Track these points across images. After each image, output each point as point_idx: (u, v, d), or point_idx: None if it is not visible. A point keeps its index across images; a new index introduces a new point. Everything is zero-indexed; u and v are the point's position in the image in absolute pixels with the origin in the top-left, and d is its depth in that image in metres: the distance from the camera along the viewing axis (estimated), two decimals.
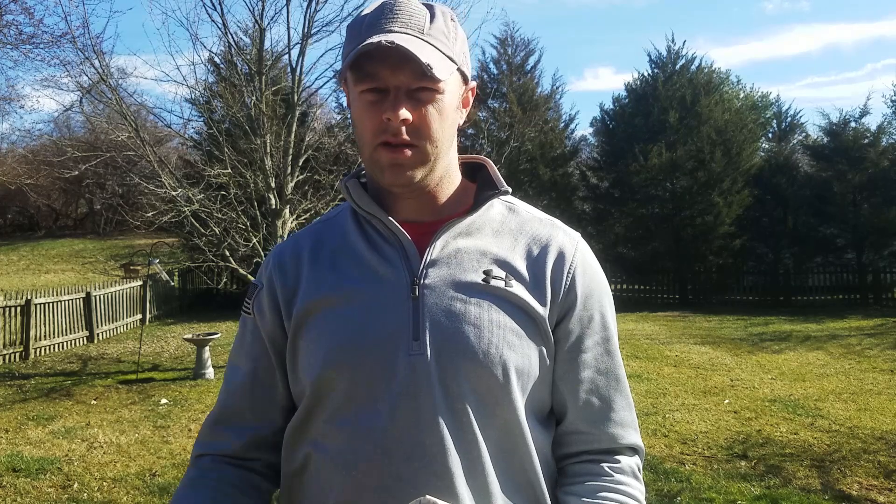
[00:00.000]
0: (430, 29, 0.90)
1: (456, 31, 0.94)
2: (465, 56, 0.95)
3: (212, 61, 9.52)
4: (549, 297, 0.94)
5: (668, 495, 4.23)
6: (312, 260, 0.98)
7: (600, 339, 0.97)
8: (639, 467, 0.98)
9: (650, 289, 16.82)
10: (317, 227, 1.04)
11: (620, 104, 18.67)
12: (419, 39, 0.88)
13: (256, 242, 7.75)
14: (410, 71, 0.87)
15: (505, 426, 0.90)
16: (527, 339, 0.91)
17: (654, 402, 6.57)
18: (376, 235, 0.96)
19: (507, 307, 0.91)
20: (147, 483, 4.56)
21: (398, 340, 0.89)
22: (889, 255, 16.29)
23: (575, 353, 0.95)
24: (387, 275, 0.93)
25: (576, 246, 0.98)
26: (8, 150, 24.71)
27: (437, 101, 0.90)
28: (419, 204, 0.97)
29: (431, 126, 0.90)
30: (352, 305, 0.92)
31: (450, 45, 0.91)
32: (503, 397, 0.89)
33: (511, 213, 1.01)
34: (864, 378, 7.67)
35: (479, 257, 0.94)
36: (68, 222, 29.97)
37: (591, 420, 0.96)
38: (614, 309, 1.01)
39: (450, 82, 0.91)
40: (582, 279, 0.96)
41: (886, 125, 17.04)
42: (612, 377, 0.97)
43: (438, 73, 0.85)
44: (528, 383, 0.91)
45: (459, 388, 0.88)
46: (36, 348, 9.56)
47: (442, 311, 0.90)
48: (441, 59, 0.88)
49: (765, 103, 25.56)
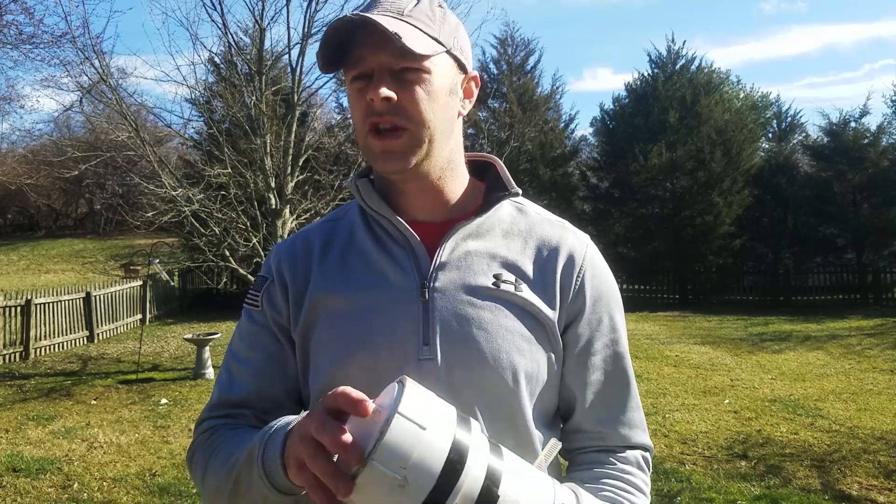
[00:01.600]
0: (411, 11, 0.89)
1: (444, 16, 0.92)
2: (458, 42, 0.94)
3: (212, 61, 9.53)
4: (559, 301, 0.94)
5: (668, 495, 4.23)
6: (322, 257, 0.97)
7: (609, 341, 0.97)
8: (646, 461, 0.98)
9: (650, 289, 16.82)
10: (326, 224, 1.02)
11: (620, 104, 18.68)
12: (396, 19, 0.87)
13: (256, 242, 7.75)
14: (391, 51, 0.86)
15: (514, 431, 0.89)
16: (536, 343, 0.91)
17: (654, 402, 6.57)
18: (385, 236, 0.95)
19: (517, 312, 0.91)
20: (147, 483, 4.56)
21: (407, 345, 0.88)
22: (889, 255, 16.29)
23: (584, 356, 0.95)
24: (396, 277, 0.92)
25: (585, 249, 0.98)
26: (8, 150, 24.74)
27: (424, 82, 0.88)
28: (427, 203, 0.96)
29: (419, 106, 0.88)
30: (361, 308, 0.91)
31: (435, 27, 0.90)
32: (513, 402, 0.89)
33: (520, 215, 1.00)
34: (864, 378, 7.67)
35: (488, 260, 0.94)
36: (68, 222, 29.98)
37: (600, 420, 0.96)
38: (622, 308, 1.01)
39: (438, 64, 0.90)
40: (591, 282, 0.96)
41: (886, 125, 17.07)
42: (621, 379, 0.98)
43: (413, 46, 0.84)
44: (537, 388, 0.91)
45: (469, 393, 0.87)
46: (36, 348, 9.56)
47: (452, 316, 0.89)
48: (420, 36, 0.87)
49: (765, 103, 25.57)
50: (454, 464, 0.62)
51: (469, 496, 0.63)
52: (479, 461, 0.65)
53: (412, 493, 0.61)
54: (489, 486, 0.64)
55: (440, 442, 0.63)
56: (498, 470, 0.66)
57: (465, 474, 0.63)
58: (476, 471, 0.64)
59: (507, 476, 0.66)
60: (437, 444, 0.62)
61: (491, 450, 0.68)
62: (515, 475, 0.68)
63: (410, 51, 0.84)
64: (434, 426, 0.63)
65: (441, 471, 0.62)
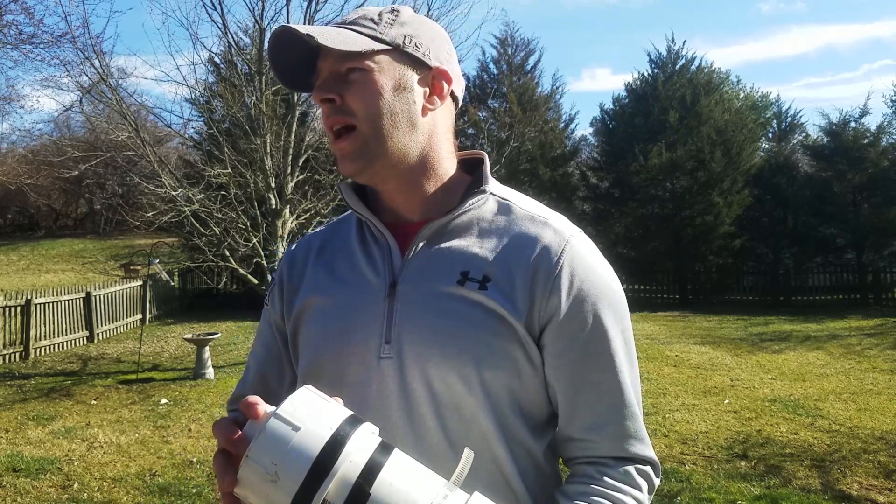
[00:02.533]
0: (355, 19, 0.93)
1: (395, 20, 0.93)
2: (415, 40, 0.93)
3: (212, 61, 9.53)
4: (530, 301, 0.88)
5: (668, 495, 4.24)
6: (317, 258, 1.01)
7: (592, 342, 0.89)
8: (644, 476, 0.91)
9: (650, 289, 16.81)
10: (330, 227, 1.07)
11: (620, 104, 18.68)
12: (333, 26, 0.92)
13: (256, 242, 7.75)
14: (333, 56, 0.90)
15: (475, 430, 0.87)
16: (501, 343, 0.87)
17: (654, 402, 6.57)
18: (369, 236, 0.98)
19: (480, 311, 0.87)
20: (147, 483, 4.56)
21: (371, 343, 0.90)
22: (889, 255, 16.29)
23: (562, 359, 0.89)
24: (371, 276, 0.94)
25: (564, 245, 0.91)
26: (8, 150, 24.73)
27: (364, 79, 0.90)
28: (406, 202, 0.97)
29: (360, 102, 0.90)
30: (339, 306, 0.94)
31: (378, 29, 0.92)
32: (471, 402, 0.86)
33: (502, 211, 0.95)
34: (864, 378, 7.67)
35: (457, 259, 0.91)
36: (68, 222, 29.97)
37: (587, 428, 0.90)
38: (617, 310, 0.93)
39: (381, 62, 0.90)
40: (569, 280, 0.89)
41: (886, 125, 17.06)
42: (610, 384, 0.90)
43: (334, 44, 0.87)
44: (501, 389, 0.87)
45: (424, 392, 0.86)
46: (36, 348, 9.56)
47: (413, 314, 0.89)
48: (353, 37, 0.90)
49: (765, 103, 25.57)
50: (324, 463, 0.66)
51: (339, 495, 0.67)
52: (356, 460, 0.67)
53: (282, 488, 0.66)
54: (360, 485, 0.67)
55: (311, 442, 0.67)
56: (376, 468, 0.68)
57: (333, 475, 0.66)
58: (348, 470, 0.67)
59: (387, 473, 0.68)
60: (307, 444, 0.67)
61: (378, 450, 0.69)
62: (398, 472, 0.69)
63: (331, 49, 0.88)
64: (310, 427, 0.68)
65: (309, 469, 0.66)
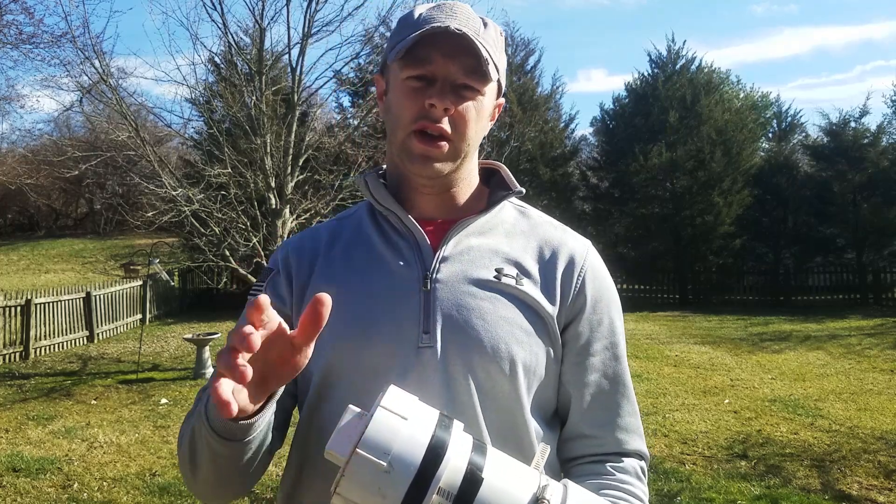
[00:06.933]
0: (483, 34, 0.93)
1: (501, 44, 0.97)
2: (502, 69, 0.98)
3: (212, 61, 9.51)
4: (559, 299, 0.95)
5: (668, 495, 4.23)
6: (328, 249, 1.00)
7: (608, 343, 0.98)
8: (643, 470, 0.97)
9: (650, 289, 16.82)
10: (334, 222, 1.06)
11: (620, 104, 18.68)
12: (476, 38, 0.90)
13: (256, 242, 7.74)
14: (461, 64, 0.90)
15: (509, 420, 0.90)
16: (535, 337, 0.92)
17: (654, 402, 6.57)
18: (391, 230, 0.98)
19: (518, 304, 0.92)
20: (147, 483, 4.56)
21: (407, 332, 0.90)
22: (889, 255, 16.30)
23: (583, 356, 0.96)
24: (399, 268, 0.94)
25: (586, 252, 1.00)
26: (8, 150, 24.72)
27: (477, 101, 0.93)
28: (437, 203, 1.00)
29: (468, 124, 0.93)
30: (362, 294, 0.93)
31: (497, 55, 0.95)
32: (511, 393, 0.90)
33: (522, 217, 1.03)
34: (864, 378, 7.67)
35: (491, 255, 0.96)
36: (68, 222, 29.96)
37: (597, 424, 0.96)
38: (620, 313, 1.02)
39: (490, 88, 0.95)
40: (592, 284, 0.98)
41: (886, 125, 17.06)
42: (619, 382, 0.98)
43: (490, 72, 0.90)
44: (535, 381, 0.92)
45: (466, 381, 0.89)
46: (36, 348, 9.55)
47: (453, 306, 0.91)
48: (487, 56, 0.91)
49: (765, 103, 25.55)
50: (436, 451, 0.65)
51: (452, 483, 0.66)
52: (461, 451, 0.68)
53: (396, 479, 0.64)
54: (472, 471, 0.67)
55: (421, 432, 0.66)
56: (480, 461, 0.68)
57: (445, 463, 0.65)
58: (457, 460, 0.67)
59: (491, 465, 0.69)
60: (418, 434, 0.66)
61: (474, 446, 0.70)
62: (500, 465, 0.70)
63: (486, 75, 0.90)
64: (415, 418, 0.67)
65: (423, 458, 0.65)
